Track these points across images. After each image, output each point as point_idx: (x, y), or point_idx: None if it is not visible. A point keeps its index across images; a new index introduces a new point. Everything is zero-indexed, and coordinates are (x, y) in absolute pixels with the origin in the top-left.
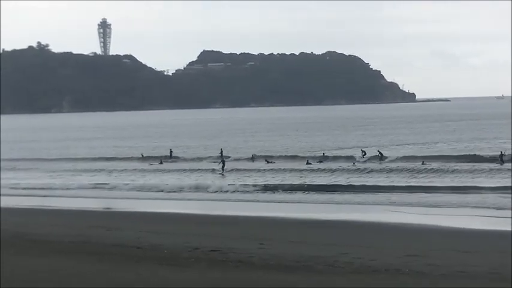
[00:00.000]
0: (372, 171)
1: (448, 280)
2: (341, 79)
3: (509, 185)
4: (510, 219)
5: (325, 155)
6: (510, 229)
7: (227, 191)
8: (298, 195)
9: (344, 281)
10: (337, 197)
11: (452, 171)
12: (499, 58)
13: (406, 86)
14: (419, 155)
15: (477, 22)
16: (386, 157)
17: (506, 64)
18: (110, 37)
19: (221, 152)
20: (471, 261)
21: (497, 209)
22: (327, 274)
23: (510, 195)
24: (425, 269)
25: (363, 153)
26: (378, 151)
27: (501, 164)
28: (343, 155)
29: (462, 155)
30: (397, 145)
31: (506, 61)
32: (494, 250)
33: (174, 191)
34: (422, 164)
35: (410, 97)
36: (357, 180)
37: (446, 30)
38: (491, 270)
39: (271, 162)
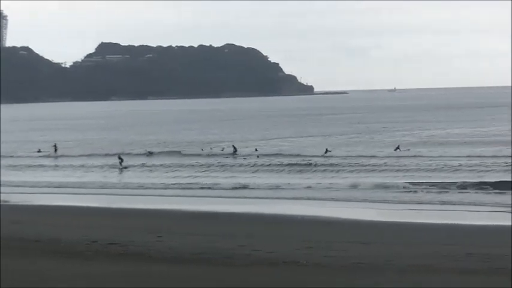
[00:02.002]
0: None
1: (346, 272)
2: (240, 71)
3: (417, 181)
4: (405, 211)
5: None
6: (406, 220)
7: (126, 186)
8: (193, 191)
9: (242, 273)
10: (233, 192)
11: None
12: (395, 51)
13: (304, 78)
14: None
15: (375, 15)
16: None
17: (402, 57)
18: (6, 28)
19: (119, 157)
20: (368, 253)
21: (384, 202)
22: (225, 266)
23: (441, 189)
24: (323, 261)
25: (234, 150)
26: (233, 145)
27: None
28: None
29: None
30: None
31: (402, 54)
32: (390, 242)
33: (73, 187)
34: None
35: (308, 89)
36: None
37: (345, 23)
38: (388, 262)
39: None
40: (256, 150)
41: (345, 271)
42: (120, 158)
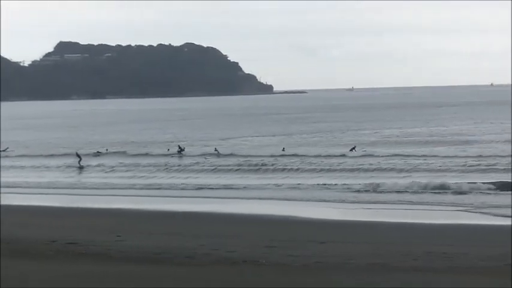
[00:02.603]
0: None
1: (306, 271)
2: (200, 71)
3: (374, 181)
4: (364, 210)
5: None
6: (366, 219)
7: (84, 186)
8: (152, 191)
9: (203, 273)
10: (192, 191)
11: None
12: (353, 51)
13: (263, 77)
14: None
15: (335, 14)
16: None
17: (360, 56)
18: None
19: (78, 155)
20: (328, 252)
21: (343, 201)
22: (186, 266)
23: (399, 189)
24: (283, 260)
25: (179, 149)
26: (178, 145)
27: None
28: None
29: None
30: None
31: (360, 53)
32: (349, 241)
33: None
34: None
35: (268, 89)
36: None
37: (304, 23)
38: (347, 261)
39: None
40: (215, 149)
41: (305, 270)
42: (78, 156)
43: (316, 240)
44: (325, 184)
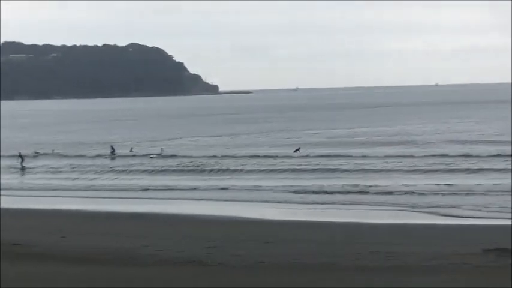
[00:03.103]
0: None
1: (250, 271)
2: (145, 71)
3: (318, 183)
4: (309, 210)
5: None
6: (309, 219)
7: (26, 187)
8: (95, 192)
9: (147, 273)
10: (136, 193)
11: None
12: (299, 51)
13: (209, 78)
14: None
15: (280, 15)
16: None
17: (305, 56)
18: None
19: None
20: (272, 252)
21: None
22: (130, 266)
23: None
24: (227, 260)
25: (112, 150)
26: (111, 146)
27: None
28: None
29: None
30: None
31: (305, 53)
32: (293, 240)
33: None
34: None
35: (213, 89)
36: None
37: (250, 23)
38: (291, 260)
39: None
40: (162, 150)
41: (249, 270)
42: (21, 157)
43: (260, 240)
44: (269, 186)
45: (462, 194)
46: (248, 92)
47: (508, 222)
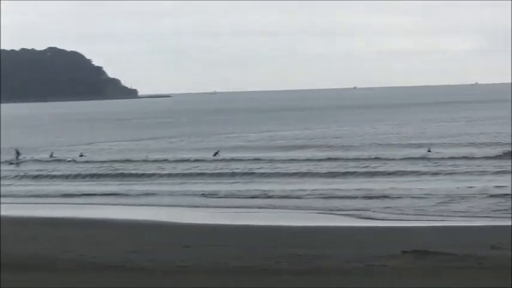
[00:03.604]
0: None
1: (170, 275)
2: (63, 75)
3: (236, 188)
4: (227, 214)
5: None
6: (230, 223)
7: None
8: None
9: (66, 279)
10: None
11: None
12: (218, 55)
13: (128, 82)
14: None
15: (201, 18)
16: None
17: (224, 60)
18: None
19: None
20: (192, 256)
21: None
22: (49, 272)
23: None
24: (147, 265)
25: (17, 155)
26: (16, 150)
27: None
28: None
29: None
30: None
31: (224, 57)
32: (213, 244)
33: None
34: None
35: (132, 93)
36: None
37: (169, 26)
38: (211, 264)
39: None
40: (81, 155)
41: (168, 274)
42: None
43: (179, 244)
44: (187, 190)
45: (379, 197)
46: (167, 96)
47: (425, 224)
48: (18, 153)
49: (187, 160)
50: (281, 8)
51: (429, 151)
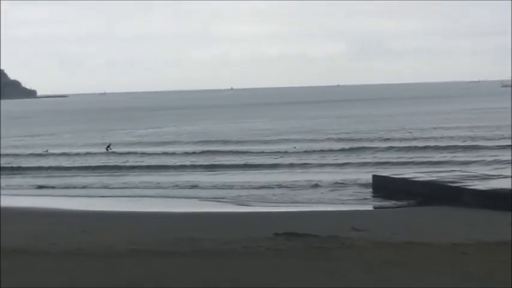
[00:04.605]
0: None
1: (68, 257)
2: None
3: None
4: (118, 202)
5: None
6: (123, 210)
7: None
8: None
9: None
10: None
11: None
12: (109, 58)
13: (28, 83)
14: None
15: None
16: None
17: (112, 63)
18: None
19: None
20: (88, 240)
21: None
22: None
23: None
24: (49, 248)
25: None
26: None
27: (108, 151)
28: None
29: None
30: None
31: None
32: (108, 229)
33: None
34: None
35: (31, 94)
36: None
37: (66, 32)
38: (105, 248)
39: None
40: None
41: (67, 256)
42: None
43: (78, 229)
44: (84, 182)
45: (256, 187)
46: (64, 96)
47: (295, 210)
48: None
49: (80, 154)
50: (162, 14)
51: (295, 147)
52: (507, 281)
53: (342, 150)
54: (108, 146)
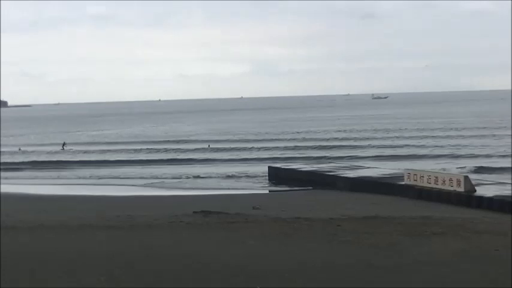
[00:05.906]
0: None
1: (33, 230)
2: None
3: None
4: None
5: None
6: (77, 194)
7: None
8: None
9: None
10: None
11: None
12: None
13: (2, 95)
14: None
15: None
16: None
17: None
18: None
19: None
20: (47, 218)
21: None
22: None
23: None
24: (17, 224)
25: None
26: None
27: (63, 149)
28: None
29: None
30: None
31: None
32: (64, 209)
33: None
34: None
35: (3, 104)
36: None
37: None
38: (61, 223)
39: None
40: None
41: (32, 230)
42: None
43: (41, 210)
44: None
45: (177, 176)
46: (29, 106)
47: (209, 193)
48: None
49: (40, 151)
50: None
51: (209, 146)
52: (373, 244)
53: (244, 148)
54: (64, 144)
